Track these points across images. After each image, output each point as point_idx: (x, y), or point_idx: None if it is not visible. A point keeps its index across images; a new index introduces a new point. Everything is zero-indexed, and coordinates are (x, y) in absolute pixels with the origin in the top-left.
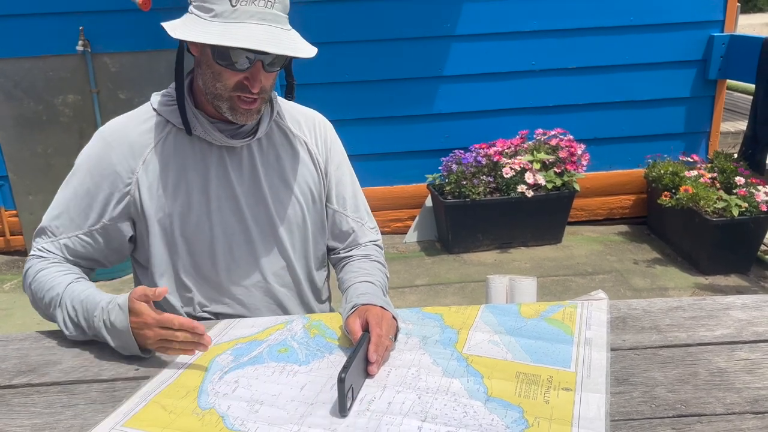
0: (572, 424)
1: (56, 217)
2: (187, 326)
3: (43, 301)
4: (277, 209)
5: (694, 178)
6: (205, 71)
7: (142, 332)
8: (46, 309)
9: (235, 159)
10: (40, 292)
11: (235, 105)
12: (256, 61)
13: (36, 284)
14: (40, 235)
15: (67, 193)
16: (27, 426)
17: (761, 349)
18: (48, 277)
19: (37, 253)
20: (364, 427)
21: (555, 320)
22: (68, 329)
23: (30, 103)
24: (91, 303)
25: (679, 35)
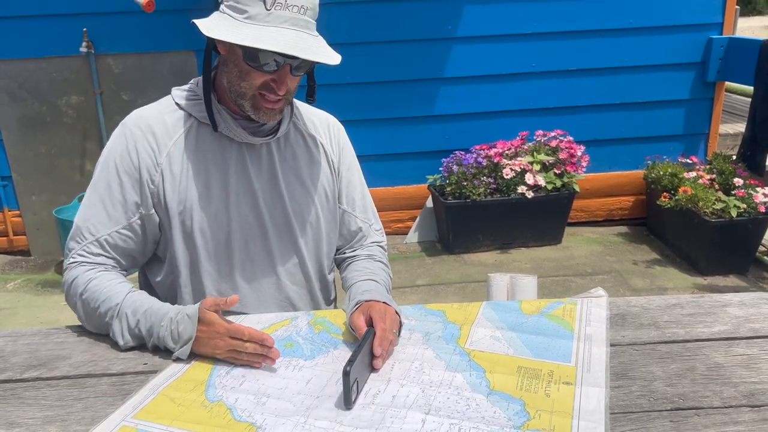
0: (573, 417)
1: (92, 216)
2: (256, 338)
3: (97, 312)
4: (293, 207)
5: (693, 180)
6: (231, 70)
7: (213, 342)
8: (99, 319)
9: (254, 156)
10: (94, 302)
11: (258, 104)
12: (285, 65)
13: (88, 294)
14: (77, 237)
15: (99, 190)
16: (38, 418)
17: (758, 344)
18: (102, 287)
19: (79, 258)
20: (369, 420)
21: (555, 316)
22: (124, 339)
23: (34, 104)
24: (157, 313)
25: (679, 38)
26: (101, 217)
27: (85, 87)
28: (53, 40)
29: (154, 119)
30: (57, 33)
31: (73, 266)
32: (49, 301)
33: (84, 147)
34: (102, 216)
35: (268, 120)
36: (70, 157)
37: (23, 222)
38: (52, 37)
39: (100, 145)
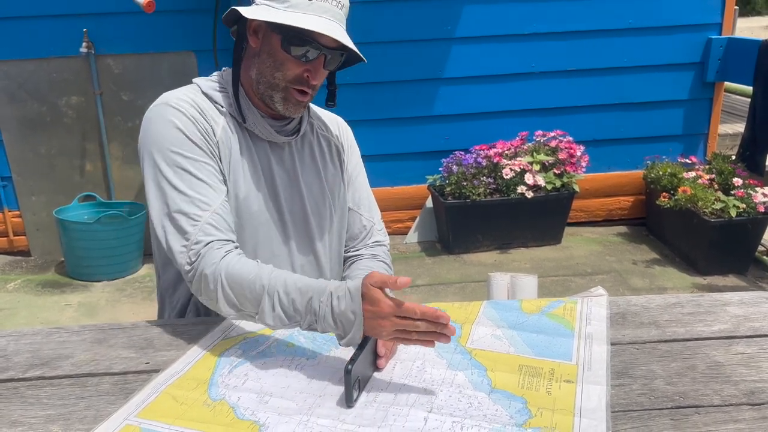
0: (574, 414)
1: (191, 192)
2: (430, 315)
3: (245, 298)
4: (311, 207)
5: (692, 180)
6: (264, 60)
7: (376, 322)
8: (252, 304)
9: (277, 154)
10: (239, 288)
11: (289, 96)
12: (321, 55)
13: (231, 279)
14: (188, 223)
15: (186, 165)
16: (41, 417)
17: (758, 343)
18: (244, 271)
19: (205, 238)
20: (372, 418)
21: (556, 315)
22: (275, 319)
23: (34, 105)
24: (315, 289)
25: (678, 38)
26: (202, 189)
27: (85, 87)
28: (53, 41)
29: (196, 98)
30: (57, 33)
31: (208, 250)
32: (49, 301)
33: (84, 147)
34: (203, 188)
35: (294, 113)
36: (70, 158)
37: (23, 222)
38: (52, 38)
39: (100, 146)
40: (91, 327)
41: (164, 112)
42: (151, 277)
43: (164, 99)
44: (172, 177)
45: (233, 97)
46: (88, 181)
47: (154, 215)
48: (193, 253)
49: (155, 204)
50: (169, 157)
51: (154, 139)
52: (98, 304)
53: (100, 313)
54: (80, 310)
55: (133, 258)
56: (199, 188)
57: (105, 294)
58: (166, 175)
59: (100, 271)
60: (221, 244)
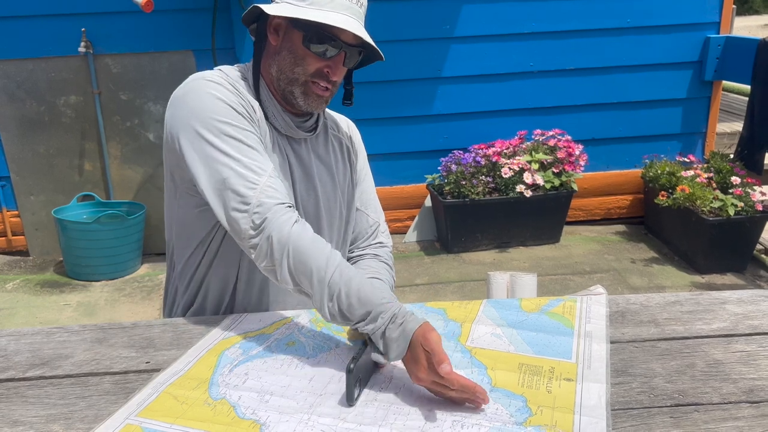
0: (574, 412)
1: (246, 158)
2: (468, 390)
3: (306, 277)
4: (323, 204)
5: (690, 178)
6: (285, 57)
7: (414, 371)
8: (310, 286)
9: (295, 149)
10: (303, 266)
11: (309, 90)
12: (341, 52)
13: (299, 255)
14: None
15: (236, 134)
16: (42, 416)
17: (756, 341)
18: (313, 250)
19: (268, 201)
20: (373, 416)
21: (555, 314)
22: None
23: (32, 104)
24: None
25: (676, 37)
26: (255, 155)
27: (83, 87)
28: (52, 40)
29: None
30: (55, 33)
31: (275, 213)
32: (48, 301)
33: (83, 147)
34: (255, 154)
35: (315, 108)
36: (68, 157)
37: (22, 222)
38: (51, 37)
39: (99, 145)
40: (91, 326)
41: (201, 86)
42: (150, 277)
43: (196, 76)
44: (221, 144)
45: (255, 92)
46: (87, 180)
47: (206, 188)
48: (257, 216)
49: (205, 176)
50: (214, 126)
51: (193, 112)
52: (97, 304)
53: (99, 312)
54: (79, 309)
55: (132, 258)
56: (250, 154)
57: (104, 294)
58: (214, 143)
59: (99, 271)
60: (285, 209)
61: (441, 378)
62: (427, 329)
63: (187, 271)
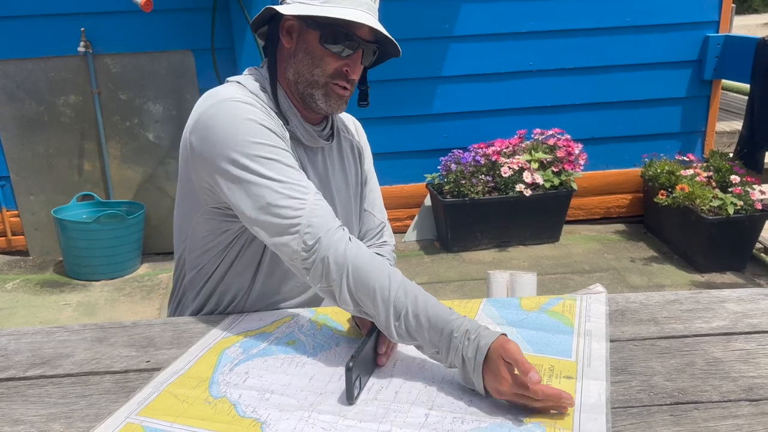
0: (574, 410)
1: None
2: (553, 399)
3: (368, 297)
4: (341, 211)
5: (690, 177)
6: (302, 59)
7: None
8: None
9: (312, 158)
10: (365, 287)
11: (330, 91)
12: (359, 49)
13: (359, 275)
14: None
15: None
16: (43, 415)
17: (756, 339)
18: (373, 268)
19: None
20: (373, 414)
21: (555, 312)
22: (390, 332)
23: (32, 104)
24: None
25: (675, 36)
26: (296, 174)
27: (83, 87)
28: (51, 40)
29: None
30: (55, 33)
31: (326, 236)
32: (47, 301)
33: (82, 147)
34: (296, 173)
35: (336, 109)
36: (68, 157)
37: (21, 222)
38: (50, 37)
39: (98, 145)
40: (91, 326)
41: (230, 108)
42: (150, 277)
43: (220, 97)
44: (259, 168)
45: (274, 104)
46: (87, 180)
47: (250, 214)
48: (309, 236)
49: (247, 203)
50: (250, 150)
51: (226, 138)
52: (97, 304)
53: (99, 312)
54: (79, 309)
55: (131, 257)
56: (290, 174)
57: (104, 293)
58: (252, 168)
59: (98, 271)
60: (337, 229)
61: (526, 389)
62: (503, 340)
63: (198, 280)
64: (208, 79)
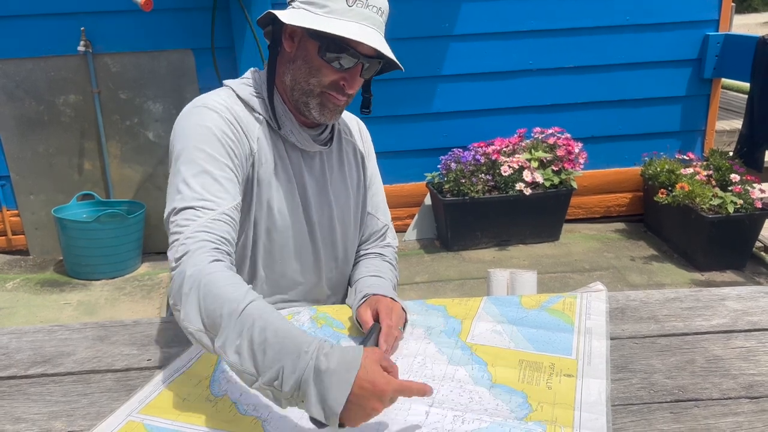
0: (574, 408)
1: (204, 190)
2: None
3: (213, 315)
4: (338, 215)
5: (690, 176)
6: (300, 66)
7: (368, 404)
8: (213, 326)
9: (309, 164)
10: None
11: (325, 101)
12: (359, 64)
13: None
14: (190, 216)
15: (203, 162)
16: (44, 413)
17: (756, 337)
18: (228, 289)
19: (201, 236)
20: None
21: (555, 310)
22: (233, 352)
23: (32, 103)
24: (297, 337)
25: (675, 35)
26: (216, 191)
27: (83, 86)
28: (51, 40)
29: (233, 105)
30: (55, 32)
31: (200, 248)
32: (48, 300)
33: (82, 146)
34: (217, 189)
35: (330, 119)
36: (68, 157)
37: (21, 221)
38: (50, 37)
39: (99, 144)
40: (92, 324)
41: (199, 113)
42: (150, 276)
43: (201, 101)
44: (189, 175)
45: (269, 103)
46: (87, 179)
47: (166, 210)
48: (183, 248)
49: (168, 198)
50: (192, 154)
51: (183, 136)
52: (97, 303)
53: (100, 311)
54: (79, 308)
55: (132, 257)
56: (211, 188)
57: (104, 293)
58: (183, 173)
59: (99, 270)
60: (213, 249)
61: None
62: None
63: None
64: (208, 78)
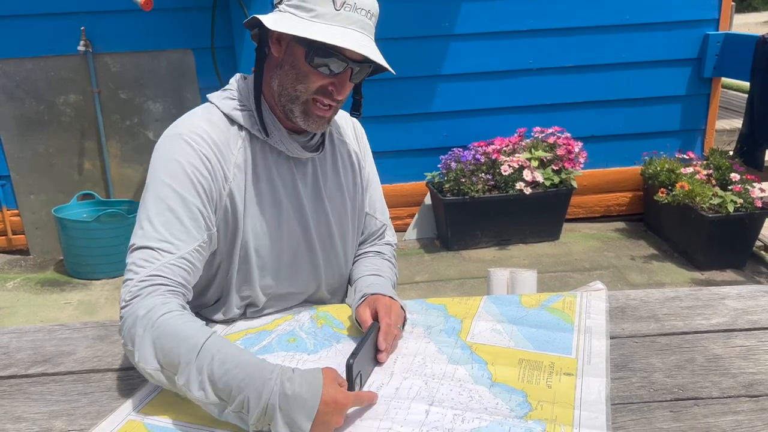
0: (574, 407)
1: (166, 231)
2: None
3: (170, 354)
4: (335, 219)
5: (690, 175)
6: (287, 72)
7: (332, 419)
8: (171, 365)
9: (301, 171)
10: (168, 340)
11: (309, 110)
12: (347, 69)
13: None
14: (149, 258)
15: (169, 200)
16: (45, 413)
17: (756, 336)
18: (182, 327)
19: (156, 280)
20: (374, 411)
21: (555, 309)
22: (197, 389)
23: (32, 103)
24: (258, 365)
25: (675, 34)
26: (178, 232)
27: (83, 86)
28: (51, 39)
29: (211, 129)
30: (55, 32)
31: (152, 291)
32: (48, 299)
33: (82, 146)
34: (179, 230)
35: (316, 128)
36: (68, 156)
37: (22, 221)
38: (50, 36)
39: (99, 144)
40: (93, 324)
41: (173, 144)
42: None
43: (178, 129)
44: (153, 211)
45: (255, 113)
46: (87, 179)
47: (129, 242)
48: (136, 289)
49: (133, 233)
50: (160, 190)
51: (155, 167)
52: (98, 303)
53: (100, 311)
54: (80, 308)
55: None
56: (173, 229)
57: (104, 292)
58: (149, 207)
59: (99, 270)
60: (167, 291)
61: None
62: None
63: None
64: (208, 77)
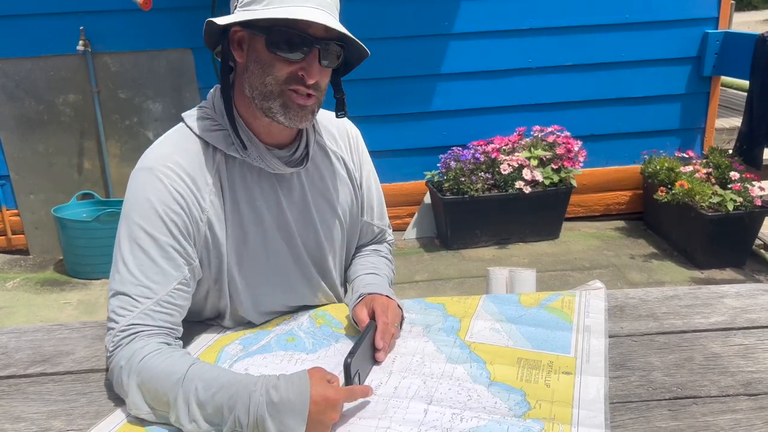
0: (573, 406)
1: (142, 275)
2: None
3: (157, 394)
4: (324, 232)
5: (689, 174)
6: (253, 70)
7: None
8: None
9: (285, 187)
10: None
11: (288, 101)
12: (313, 49)
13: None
14: (128, 306)
15: (142, 243)
16: (43, 413)
17: (755, 334)
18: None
19: (136, 328)
20: (372, 410)
21: (554, 308)
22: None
23: (31, 103)
24: (242, 381)
25: (674, 32)
26: (154, 274)
27: (82, 86)
28: (50, 39)
29: (183, 158)
30: (54, 31)
31: (131, 339)
32: (48, 299)
33: (82, 146)
34: (154, 272)
35: (299, 122)
36: (68, 156)
37: (21, 221)
38: (49, 36)
39: (98, 144)
40: (91, 324)
41: (144, 180)
42: None
43: (149, 162)
44: (127, 254)
45: (232, 132)
46: (86, 179)
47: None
48: (117, 339)
49: (111, 276)
50: (133, 231)
51: (128, 203)
52: (97, 302)
53: (100, 311)
54: (79, 308)
55: None
56: (149, 271)
57: (104, 292)
58: (123, 250)
59: (99, 269)
60: (146, 336)
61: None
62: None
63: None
64: (207, 77)
